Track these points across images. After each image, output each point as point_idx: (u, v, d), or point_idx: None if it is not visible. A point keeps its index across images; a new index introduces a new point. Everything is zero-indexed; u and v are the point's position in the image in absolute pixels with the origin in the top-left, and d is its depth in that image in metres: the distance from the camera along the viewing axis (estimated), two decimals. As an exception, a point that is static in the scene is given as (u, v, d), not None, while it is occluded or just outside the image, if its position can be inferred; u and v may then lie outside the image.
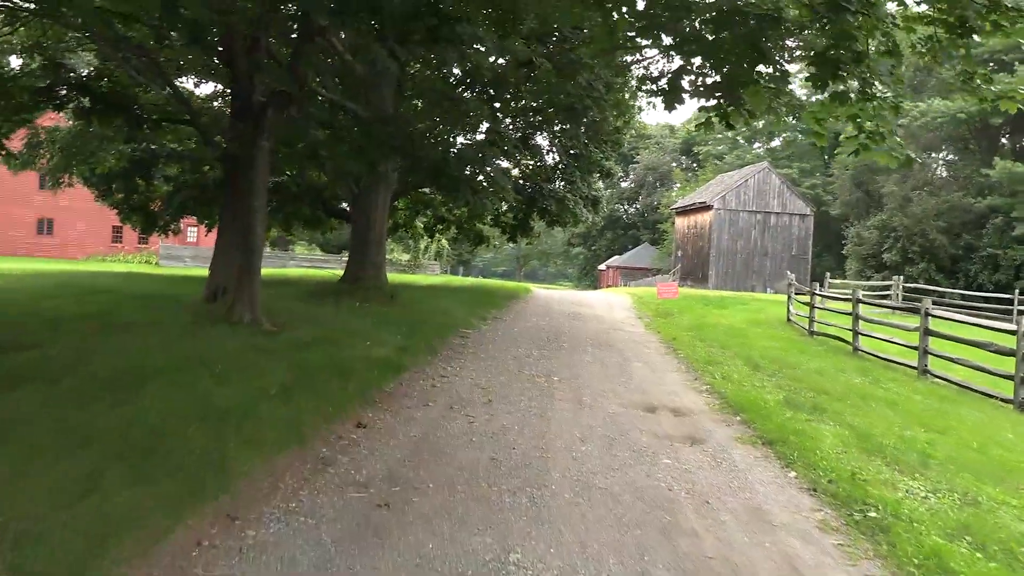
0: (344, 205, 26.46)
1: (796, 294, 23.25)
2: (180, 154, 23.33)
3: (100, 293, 16.78)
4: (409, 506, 5.57)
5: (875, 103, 8.31)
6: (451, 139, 15.43)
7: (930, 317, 14.56)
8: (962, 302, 30.31)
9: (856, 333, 17.37)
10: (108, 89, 15.30)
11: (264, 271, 36.38)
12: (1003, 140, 38.48)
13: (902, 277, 31.00)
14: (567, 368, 12.47)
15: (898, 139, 8.81)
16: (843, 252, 58.91)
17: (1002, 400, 12.04)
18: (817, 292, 20.27)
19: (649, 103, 24.01)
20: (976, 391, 12.88)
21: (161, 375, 7.85)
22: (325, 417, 7.60)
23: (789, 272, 51.30)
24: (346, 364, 10.17)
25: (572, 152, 26.80)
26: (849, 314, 18.56)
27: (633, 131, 28.24)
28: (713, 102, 8.65)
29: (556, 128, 26.49)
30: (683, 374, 13.11)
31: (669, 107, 8.50)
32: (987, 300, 30.49)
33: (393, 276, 36.99)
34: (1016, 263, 33.37)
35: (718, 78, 8.20)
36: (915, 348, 14.79)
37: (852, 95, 8.22)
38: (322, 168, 17.57)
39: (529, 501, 5.87)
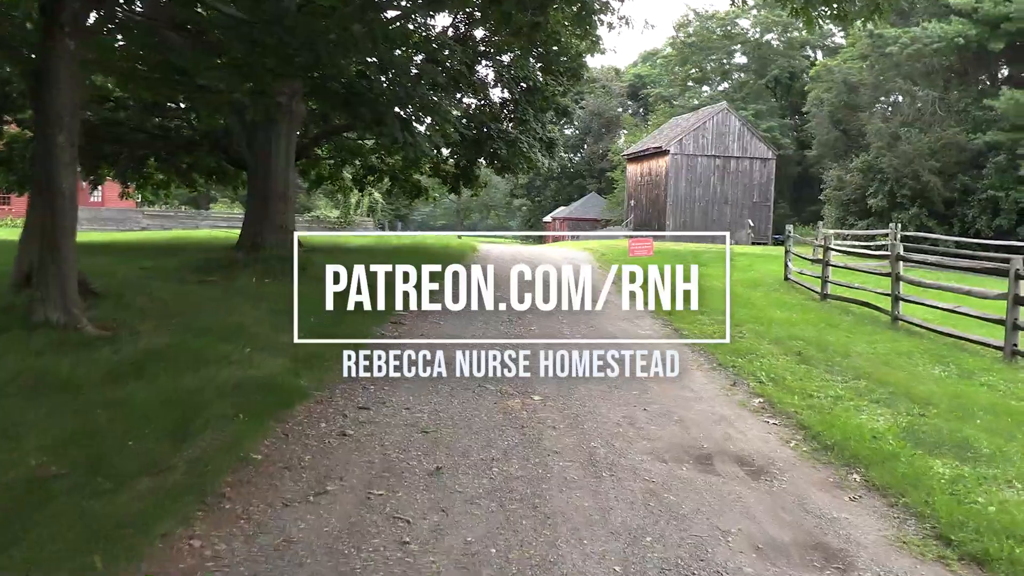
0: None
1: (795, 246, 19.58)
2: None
3: None
4: None
5: None
6: (373, 48, 11.09)
7: (1021, 281, 10.89)
8: (957, 251, 27.16)
9: (897, 298, 13.70)
10: None
11: (162, 235, 31.59)
12: (1002, 70, 35.03)
13: (898, 225, 27.66)
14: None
15: None
16: (801, 198, 55.86)
17: None
18: (832, 247, 16.58)
19: (622, 18, 19.70)
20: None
21: None
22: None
23: (750, 221, 48.20)
24: (194, 403, 6.03)
25: (524, 85, 22.52)
26: (880, 274, 15.00)
27: (591, 57, 23.86)
28: None
29: (505, 58, 22.23)
30: (711, 373, 9.27)
31: None
32: (986, 248, 27.30)
33: (320, 237, 32.56)
34: (1020, 206, 29.98)
35: None
36: (999, 321, 11.16)
37: None
38: (193, 97, 13.09)
39: None
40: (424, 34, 18.86)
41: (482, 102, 23.60)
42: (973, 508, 4.92)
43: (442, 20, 22.02)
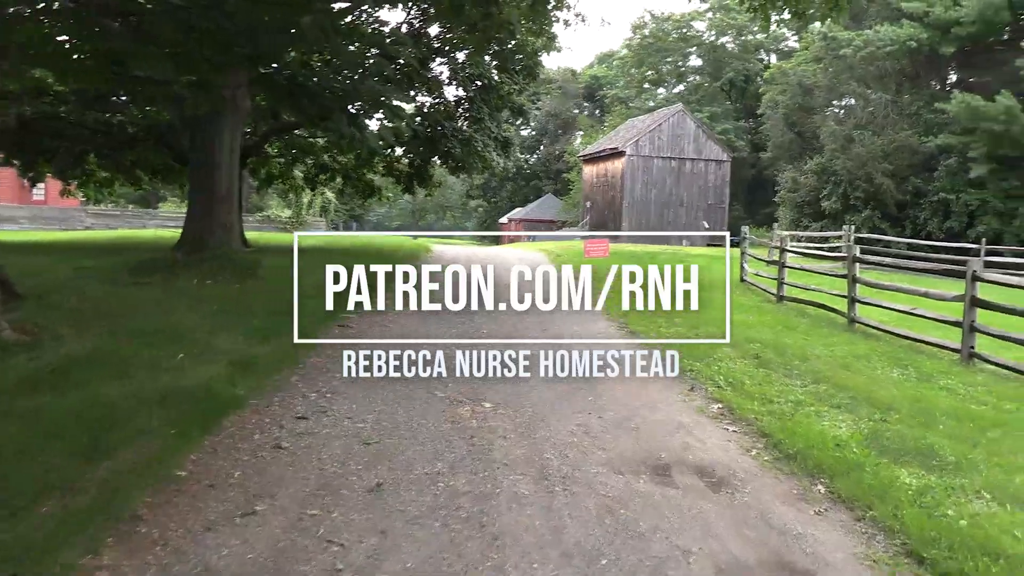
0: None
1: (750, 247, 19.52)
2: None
3: None
4: None
5: None
6: (324, 39, 10.59)
7: (978, 283, 10.83)
8: (909, 252, 27.33)
9: (853, 300, 13.61)
10: None
11: (106, 234, 30.67)
12: (950, 75, 35.43)
13: (853, 227, 27.78)
14: (502, 381, 8.11)
15: None
16: (755, 200, 56.27)
17: None
18: (788, 248, 16.50)
19: (578, 15, 19.49)
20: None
21: None
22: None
23: (705, 223, 48.36)
24: (116, 414, 5.58)
25: (479, 83, 22.18)
26: (835, 276, 15.01)
27: (547, 55, 23.34)
28: None
29: (460, 55, 21.87)
30: (667, 377, 8.98)
31: None
32: (937, 250, 27.59)
33: (270, 236, 31.84)
34: (970, 209, 30.37)
35: None
36: (955, 324, 11.09)
37: None
38: (130, 88, 12.48)
39: None
40: (375, 28, 18.43)
41: (436, 100, 23.22)
42: (943, 522, 4.67)
43: (396, 16, 21.68)
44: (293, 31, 10.09)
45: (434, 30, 21.64)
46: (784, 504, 5.13)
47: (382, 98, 12.49)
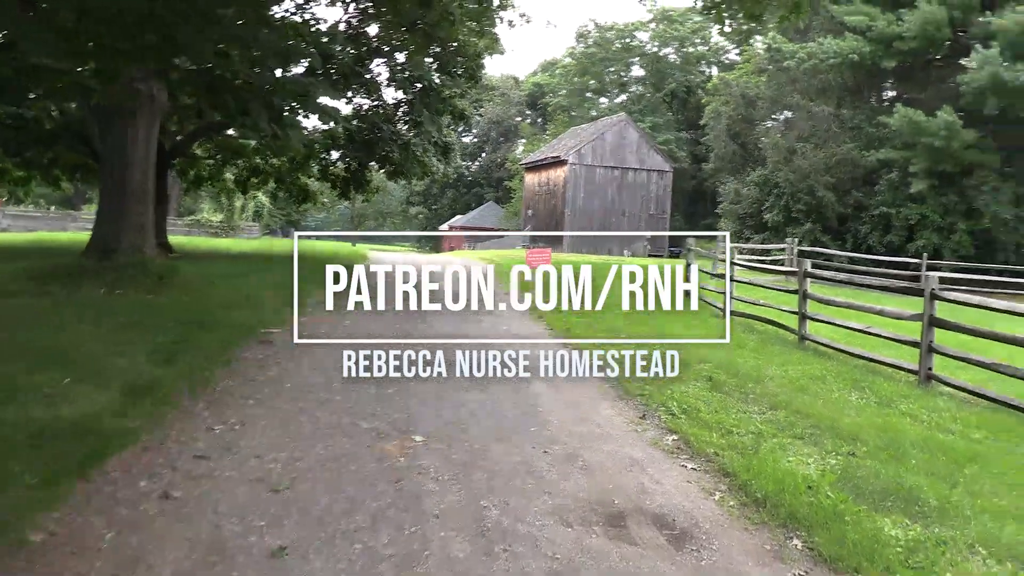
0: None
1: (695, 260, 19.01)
2: None
3: None
4: None
5: None
6: (240, 29, 9.61)
7: (936, 301, 10.42)
8: (851, 266, 27.27)
9: (804, 317, 13.16)
10: None
11: (20, 236, 28.95)
12: (887, 91, 35.61)
13: (797, 239, 27.67)
14: (434, 410, 7.31)
15: None
16: (696, 212, 56.51)
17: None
18: (738, 262, 16.04)
19: (522, 15, 18.67)
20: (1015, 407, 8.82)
21: None
22: None
23: (647, 233, 48.25)
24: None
25: (419, 86, 21.36)
26: (780, 290, 14.63)
27: (489, 58, 22.47)
28: None
29: (400, 56, 21.04)
30: (616, 402, 8.34)
31: None
32: (878, 264, 27.63)
33: (200, 241, 30.55)
34: (910, 223, 30.56)
35: None
36: (909, 343, 10.67)
37: None
38: (32, 77, 11.33)
39: None
40: (308, 22, 17.51)
41: (374, 102, 22.34)
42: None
43: (335, 14, 20.78)
44: (209, 20, 9.12)
45: (373, 30, 20.81)
46: (758, 565, 4.44)
47: (309, 91, 11.58)
